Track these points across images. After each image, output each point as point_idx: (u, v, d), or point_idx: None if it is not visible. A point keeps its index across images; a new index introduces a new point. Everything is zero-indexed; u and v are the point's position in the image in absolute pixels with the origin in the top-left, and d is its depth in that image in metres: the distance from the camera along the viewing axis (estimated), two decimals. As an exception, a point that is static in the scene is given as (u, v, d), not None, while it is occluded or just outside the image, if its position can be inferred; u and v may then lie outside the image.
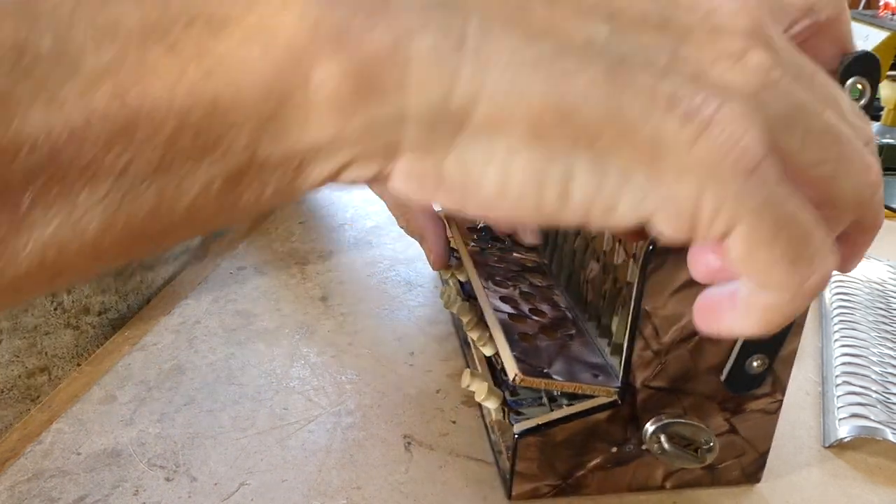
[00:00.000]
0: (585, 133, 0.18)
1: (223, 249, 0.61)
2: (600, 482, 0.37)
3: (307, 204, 0.72)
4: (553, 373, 0.35)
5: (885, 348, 0.50)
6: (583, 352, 0.37)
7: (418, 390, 0.45)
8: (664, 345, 0.34)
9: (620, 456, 0.36)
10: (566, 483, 0.37)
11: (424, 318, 0.53)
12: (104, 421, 0.40)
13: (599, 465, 0.36)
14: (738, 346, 0.34)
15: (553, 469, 0.36)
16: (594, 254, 0.40)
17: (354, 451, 0.39)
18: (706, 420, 0.36)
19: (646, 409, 0.35)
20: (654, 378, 0.35)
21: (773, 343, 0.34)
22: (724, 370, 0.35)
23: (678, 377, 0.35)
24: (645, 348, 0.34)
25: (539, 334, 0.38)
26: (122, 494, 0.35)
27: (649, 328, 0.34)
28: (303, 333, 0.50)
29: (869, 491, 0.39)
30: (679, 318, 0.34)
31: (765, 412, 0.36)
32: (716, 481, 0.38)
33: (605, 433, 0.36)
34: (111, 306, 0.56)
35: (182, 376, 0.45)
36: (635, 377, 0.34)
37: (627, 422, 0.36)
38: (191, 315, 0.51)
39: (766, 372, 0.35)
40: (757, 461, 0.38)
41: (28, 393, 0.53)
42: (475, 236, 0.49)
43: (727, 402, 0.36)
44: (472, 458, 0.39)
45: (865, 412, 0.43)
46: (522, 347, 0.36)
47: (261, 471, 0.37)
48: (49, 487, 0.35)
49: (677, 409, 0.36)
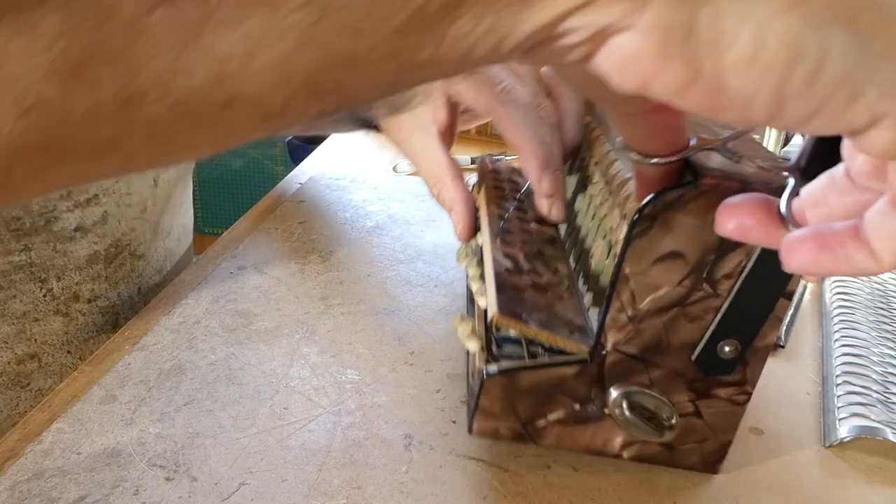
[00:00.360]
0: (847, 7, 0.17)
1: (223, 249, 0.61)
2: (559, 436, 0.37)
3: (307, 204, 0.72)
4: (531, 320, 0.35)
5: (886, 348, 0.50)
6: (567, 312, 0.38)
7: (418, 390, 0.45)
8: (639, 312, 0.34)
9: (582, 415, 0.37)
10: (525, 430, 0.37)
11: (424, 318, 0.53)
12: (104, 421, 0.40)
13: (560, 420, 0.37)
14: (712, 327, 0.35)
15: (515, 413, 0.37)
16: (602, 232, 0.41)
17: (354, 451, 0.39)
18: (671, 396, 0.36)
19: (613, 372, 0.36)
20: (625, 343, 0.35)
21: (748, 329, 0.35)
22: (695, 349, 0.35)
23: (649, 347, 0.35)
24: (620, 311, 0.34)
25: (530, 289, 0.38)
26: (123, 494, 0.35)
27: (627, 293, 0.34)
28: (303, 333, 0.50)
29: (869, 491, 0.39)
30: (656, 288, 0.34)
31: (731, 402, 0.37)
32: (673, 461, 0.38)
33: (570, 389, 0.36)
34: (101, 294, 0.56)
35: (182, 376, 0.45)
36: (607, 339, 0.35)
37: (594, 382, 0.36)
38: (191, 315, 0.51)
39: (737, 359, 0.35)
40: (717, 451, 0.38)
41: (18, 380, 0.53)
42: (503, 203, 0.49)
43: (695, 384, 0.36)
44: (472, 458, 0.39)
45: (865, 412, 0.43)
46: (509, 295, 0.37)
47: (261, 471, 0.37)
48: (49, 487, 0.35)
49: (644, 379, 0.36)
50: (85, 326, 0.56)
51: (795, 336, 0.54)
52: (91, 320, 0.56)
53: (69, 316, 0.55)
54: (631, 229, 0.33)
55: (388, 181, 0.79)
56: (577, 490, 0.37)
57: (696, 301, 0.34)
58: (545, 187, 0.45)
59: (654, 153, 0.27)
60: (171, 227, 0.64)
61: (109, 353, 0.47)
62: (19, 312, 0.52)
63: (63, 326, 0.55)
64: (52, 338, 0.54)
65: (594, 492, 0.37)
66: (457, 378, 0.46)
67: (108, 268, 0.56)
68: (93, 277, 0.55)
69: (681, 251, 0.33)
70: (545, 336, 0.35)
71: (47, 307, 0.53)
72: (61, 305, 0.54)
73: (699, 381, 0.36)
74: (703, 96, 0.18)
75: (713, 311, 0.34)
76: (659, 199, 0.32)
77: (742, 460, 0.40)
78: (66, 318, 0.55)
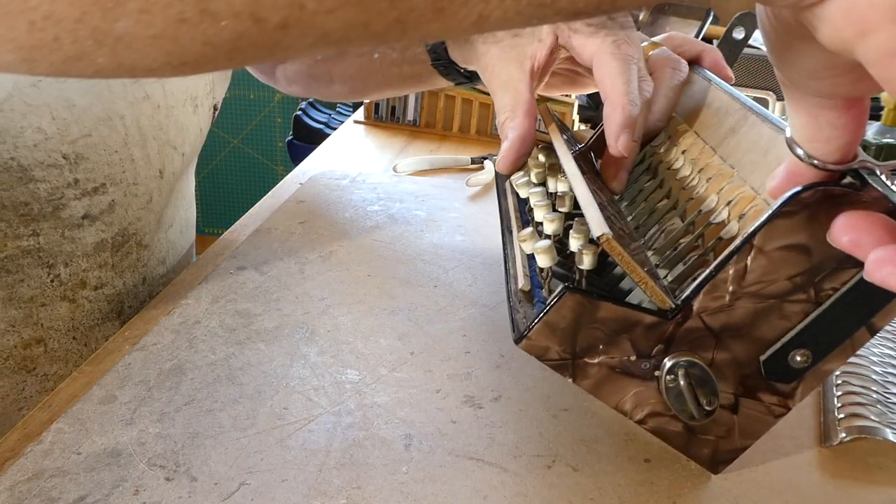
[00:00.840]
0: None
1: (223, 249, 0.61)
2: (599, 381, 0.37)
3: (307, 204, 0.72)
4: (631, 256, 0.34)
5: (885, 348, 0.50)
6: (651, 265, 0.38)
7: (418, 390, 0.45)
8: (741, 288, 0.34)
9: (633, 368, 0.36)
10: (573, 361, 0.36)
11: (424, 318, 0.53)
12: (104, 421, 0.40)
13: (610, 364, 0.36)
14: (794, 332, 0.34)
15: (574, 339, 0.36)
16: (681, 213, 0.42)
17: (354, 451, 0.39)
18: (721, 384, 0.36)
19: (684, 338, 0.35)
20: (711, 313, 0.35)
21: (824, 346, 0.34)
22: (768, 350, 0.35)
23: (731, 328, 0.35)
24: (726, 280, 0.34)
25: (619, 230, 0.38)
26: (123, 494, 0.35)
27: (741, 265, 0.33)
28: (303, 333, 0.50)
29: (869, 491, 0.39)
30: (770, 273, 0.34)
31: (769, 411, 0.37)
32: (686, 448, 0.38)
33: (637, 337, 0.36)
34: (107, 282, 0.57)
35: (182, 376, 0.45)
36: (697, 302, 0.34)
37: (662, 340, 0.35)
38: (191, 315, 0.51)
39: (801, 371, 0.35)
40: (731, 452, 0.38)
41: (24, 364, 0.54)
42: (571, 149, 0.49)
43: (748, 380, 0.36)
44: (472, 458, 0.39)
45: (865, 412, 0.43)
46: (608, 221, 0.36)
47: (261, 471, 0.37)
48: (49, 487, 0.35)
49: (708, 356, 0.36)
50: (91, 313, 0.57)
51: (795, 336, 0.54)
52: (97, 307, 0.57)
53: (76, 302, 0.55)
54: (780, 206, 0.32)
55: (388, 181, 0.79)
56: (577, 490, 0.37)
57: (795, 301, 0.34)
58: (621, 144, 0.45)
59: (821, 156, 0.28)
60: (174, 220, 0.64)
61: (109, 353, 0.47)
62: (26, 297, 0.52)
63: (69, 312, 0.55)
64: (58, 323, 0.55)
65: (594, 492, 0.37)
66: (457, 378, 0.46)
67: (115, 256, 0.57)
68: (99, 265, 0.56)
69: (810, 248, 0.33)
70: (642, 276, 0.34)
71: (54, 293, 0.54)
72: (68, 291, 0.54)
73: (753, 378, 0.36)
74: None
75: (805, 316, 0.34)
76: (821, 188, 0.31)
77: (742, 460, 0.40)
78: (73, 304, 0.55)
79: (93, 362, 0.46)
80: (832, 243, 0.27)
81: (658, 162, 0.50)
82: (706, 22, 0.95)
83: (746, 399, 0.36)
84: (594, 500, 0.37)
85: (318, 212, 0.70)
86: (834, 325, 0.34)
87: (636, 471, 0.39)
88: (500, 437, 0.41)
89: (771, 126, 0.40)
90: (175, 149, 0.60)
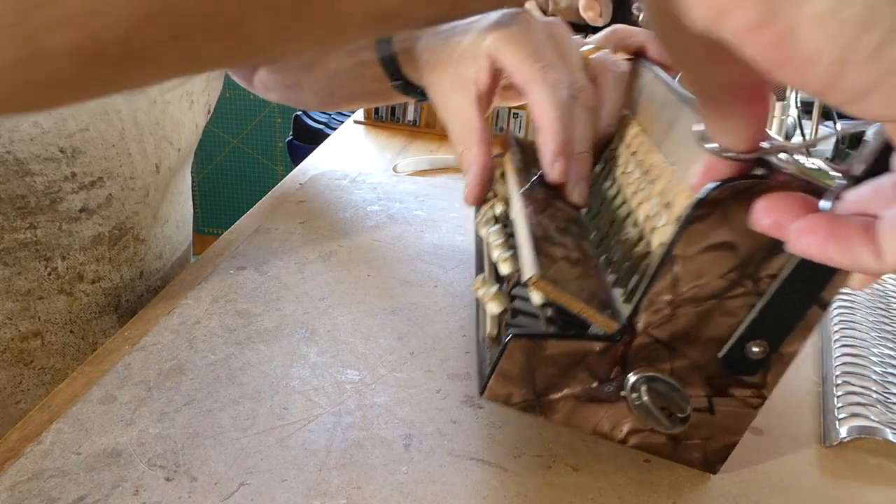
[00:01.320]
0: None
1: (223, 249, 0.61)
2: (569, 413, 0.37)
3: (307, 204, 0.72)
4: (566, 289, 0.35)
5: (885, 348, 0.50)
6: (600, 288, 0.37)
7: (418, 390, 0.45)
8: (678, 296, 0.34)
9: (597, 394, 0.37)
10: (538, 401, 0.37)
11: (424, 318, 0.53)
12: (104, 421, 0.40)
13: (575, 395, 0.37)
14: (745, 324, 0.34)
15: (532, 381, 0.36)
16: (634, 221, 0.41)
17: (354, 451, 0.39)
18: (688, 389, 0.36)
19: (638, 355, 0.36)
20: (657, 327, 0.35)
21: (779, 333, 0.34)
22: (724, 346, 0.35)
23: (679, 335, 0.35)
24: (659, 294, 0.34)
25: (563, 260, 0.38)
26: (123, 494, 0.35)
27: (670, 276, 0.34)
28: (303, 333, 0.50)
29: (869, 491, 0.39)
30: (701, 276, 0.34)
31: (745, 404, 0.37)
32: (676, 455, 0.38)
33: (592, 365, 0.36)
34: (104, 275, 0.57)
35: (182, 376, 0.45)
36: (640, 320, 0.35)
37: (616, 362, 0.36)
38: (191, 315, 0.51)
39: (763, 361, 0.35)
40: (721, 450, 0.38)
41: (21, 357, 0.54)
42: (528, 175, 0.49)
43: (714, 380, 0.36)
44: (472, 458, 0.39)
45: (865, 412, 0.43)
46: (543, 260, 0.36)
47: (261, 471, 0.37)
48: (49, 487, 0.35)
49: (666, 367, 0.36)
50: (88, 307, 0.57)
51: (795, 336, 0.54)
52: (94, 301, 0.57)
53: (73, 296, 0.55)
54: (691, 212, 0.32)
55: (388, 181, 0.79)
56: (577, 490, 0.37)
57: (735, 296, 0.34)
58: (556, 171, 0.46)
59: (732, 146, 0.28)
60: (170, 215, 0.65)
61: (109, 353, 0.47)
62: (24, 290, 0.52)
63: (67, 306, 0.55)
64: (55, 316, 0.55)
65: (594, 492, 0.37)
66: (457, 378, 0.46)
67: (112, 250, 0.57)
68: (97, 259, 0.56)
69: (734, 243, 0.33)
70: (579, 307, 0.35)
71: (51, 286, 0.54)
72: (65, 285, 0.55)
73: (719, 377, 0.36)
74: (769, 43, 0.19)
75: (750, 308, 0.34)
76: (727, 186, 0.31)
77: (742, 460, 0.40)
78: (70, 297, 0.55)
79: (93, 362, 0.46)
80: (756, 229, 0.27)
81: (615, 166, 0.49)
82: (706, 22, 0.95)
83: (719, 398, 0.36)
84: (594, 500, 0.37)
85: (318, 212, 0.70)
86: (782, 309, 0.34)
87: (636, 471, 0.39)
88: (499, 437, 0.41)
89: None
90: (171, 144, 0.60)
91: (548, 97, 0.46)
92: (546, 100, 0.46)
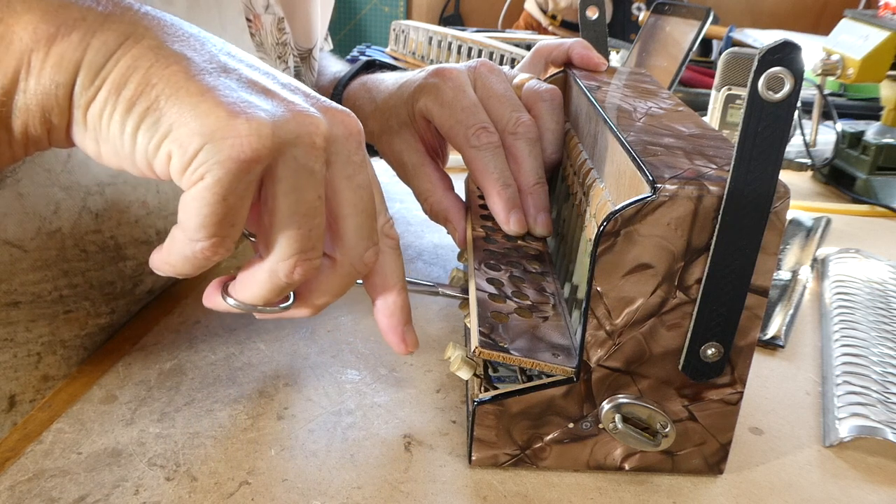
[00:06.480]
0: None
1: (223, 249, 0.61)
2: (558, 456, 0.38)
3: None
4: (513, 349, 0.36)
5: (885, 348, 0.50)
6: (552, 334, 0.38)
7: (418, 390, 0.45)
8: (617, 326, 0.34)
9: (577, 432, 0.37)
10: (524, 454, 0.38)
11: (424, 318, 0.53)
12: (104, 421, 0.40)
13: (557, 439, 0.37)
14: (689, 333, 0.34)
15: (511, 438, 0.37)
16: (584, 243, 0.41)
17: (354, 451, 0.39)
18: (664, 405, 0.36)
19: (601, 388, 0.36)
20: (608, 358, 0.35)
21: (726, 330, 0.34)
22: (679, 357, 0.35)
23: (633, 360, 0.35)
24: (598, 328, 0.34)
25: (513, 314, 0.39)
26: (123, 494, 0.35)
27: (602, 309, 0.34)
28: (303, 333, 0.50)
29: (869, 491, 0.39)
30: (631, 302, 0.34)
31: (725, 402, 0.37)
32: (676, 468, 0.38)
33: (561, 408, 0.36)
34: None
35: (182, 376, 0.45)
36: (590, 356, 0.35)
37: (584, 399, 0.36)
38: (191, 315, 0.51)
39: (723, 361, 0.35)
40: (718, 452, 0.38)
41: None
42: (488, 223, 0.49)
43: (685, 389, 0.36)
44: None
45: (865, 412, 0.43)
46: (491, 324, 0.37)
47: (261, 470, 0.37)
48: (49, 487, 0.35)
49: (633, 390, 0.36)
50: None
51: (795, 336, 0.54)
52: None
53: None
54: (595, 247, 0.33)
55: (388, 181, 0.78)
56: (577, 490, 0.37)
57: (671, 309, 0.34)
58: (513, 225, 0.47)
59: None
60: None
61: (109, 353, 0.47)
62: None
63: None
64: None
65: (594, 492, 0.37)
66: (457, 378, 0.46)
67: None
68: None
69: (649, 262, 0.33)
70: (528, 363, 0.36)
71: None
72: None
73: (688, 386, 0.36)
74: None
75: (689, 316, 0.34)
76: (618, 214, 0.32)
77: (742, 460, 0.40)
78: None
79: (93, 362, 0.46)
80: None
81: (567, 187, 0.48)
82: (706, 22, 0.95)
83: (696, 404, 0.37)
84: (594, 501, 0.37)
85: (318, 212, 0.70)
86: (718, 308, 0.34)
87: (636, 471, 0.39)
88: (500, 437, 0.41)
89: (612, 130, 0.40)
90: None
91: (483, 159, 0.47)
92: (482, 163, 0.47)
